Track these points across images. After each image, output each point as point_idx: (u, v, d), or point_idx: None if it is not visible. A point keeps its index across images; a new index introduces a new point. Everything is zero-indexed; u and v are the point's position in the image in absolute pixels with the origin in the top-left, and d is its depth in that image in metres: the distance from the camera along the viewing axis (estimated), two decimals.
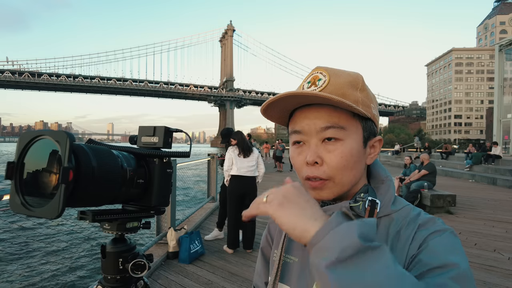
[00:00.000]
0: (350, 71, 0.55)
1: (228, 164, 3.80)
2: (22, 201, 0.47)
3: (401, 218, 0.52)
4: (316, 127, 0.51)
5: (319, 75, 0.53)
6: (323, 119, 0.51)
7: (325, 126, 0.50)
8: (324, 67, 0.55)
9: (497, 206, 6.74)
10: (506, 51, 16.84)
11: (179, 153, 0.64)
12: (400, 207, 0.54)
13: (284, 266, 0.58)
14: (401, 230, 0.50)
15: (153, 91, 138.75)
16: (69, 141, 0.43)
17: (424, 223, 0.50)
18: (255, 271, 0.71)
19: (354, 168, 0.52)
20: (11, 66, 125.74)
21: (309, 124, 0.52)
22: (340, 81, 0.52)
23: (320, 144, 0.52)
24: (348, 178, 0.52)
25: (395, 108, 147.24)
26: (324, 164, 0.51)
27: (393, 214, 0.52)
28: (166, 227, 3.77)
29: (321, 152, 0.51)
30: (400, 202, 0.55)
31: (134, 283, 0.65)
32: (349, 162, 0.51)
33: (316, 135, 0.51)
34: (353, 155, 0.51)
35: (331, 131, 0.50)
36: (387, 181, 0.57)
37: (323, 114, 0.51)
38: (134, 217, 0.63)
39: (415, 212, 0.53)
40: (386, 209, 0.53)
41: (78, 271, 4.45)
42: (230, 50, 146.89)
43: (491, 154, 12.45)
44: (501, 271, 3.29)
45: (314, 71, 0.55)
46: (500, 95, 17.01)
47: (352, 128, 0.52)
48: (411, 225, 0.50)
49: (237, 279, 3.07)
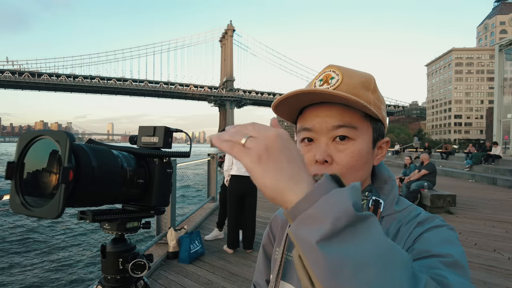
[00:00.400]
0: (362, 72, 0.55)
1: (228, 164, 3.80)
2: (22, 201, 0.47)
3: (403, 217, 0.52)
4: (327, 125, 0.51)
5: (332, 73, 0.53)
6: (335, 117, 0.51)
7: (337, 125, 0.50)
8: (336, 65, 0.54)
9: (497, 206, 6.74)
10: (506, 51, 16.84)
11: (179, 153, 0.64)
12: (403, 207, 0.54)
13: (286, 264, 0.58)
14: (401, 227, 0.51)
15: (153, 91, 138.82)
16: (69, 141, 0.43)
17: (423, 220, 0.50)
18: (256, 268, 0.70)
19: (362, 169, 0.52)
20: (11, 66, 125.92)
21: (320, 122, 0.51)
22: (353, 81, 0.52)
23: (330, 143, 0.51)
24: (356, 179, 0.52)
25: (395, 108, 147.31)
26: (334, 163, 0.51)
27: (396, 214, 0.52)
28: (166, 227, 3.77)
29: (331, 151, 0.51)
30: (403, 202, 0.55)
31: (134, 283, 0.65)
32: (358, 162, 0.51)
33: (327, 134, 0.51)
34: (362, 156, 0.51)
35: (343, 130, 0.50)
36: (390, 181, 0.56)
37: (334, 113, 0.51)
38: (134, 217, 0.63)
39: (416, 211, 0.53)
40: (390, 209, 0.53)
41: (78, 271, 4.45)
42: (230, 50, 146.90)
43: (491, 154, 12.45)
44: (501, 271, 3.29)
45: (327, 69, 0.54)
46: (500, 95, 17.01)
47: (364, 128, 0.52)
48: (410, 223, 0.50)
49: (237, 279, 3.07)
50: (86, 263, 4.77)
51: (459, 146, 45.79)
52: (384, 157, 0.58)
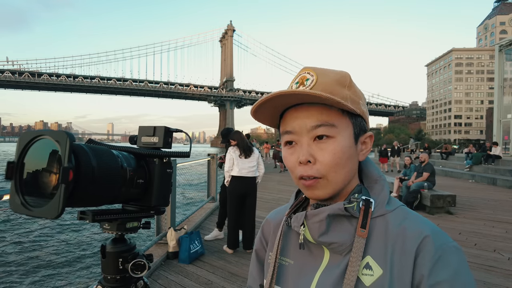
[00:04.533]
0: (337, 70, 0.55)
1: (229, 165, 3.80)
2: (22, 201, 0.47)
3: (397, 221, 0.51)
4: (307, 126, 0.51)
5: (307, 75, 0.53)
6: (313, 117, 0.51)
7: (316, 125, 0.51)
8: (311, 67, 0.55)
9: (497, 206, 6.73)
10: (506, 51, 16.84)
11: (179, 153, 0.64)
12: (394, 207, 0.53)
13: (280, 268, 0.58)
14: (389, 226, 0.51)
15: (153, 91, 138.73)
16: (69, 141, 0.43)
17: (423, 245, 0.47)
18: (249, 273, 0.70)
19: (347, 165, 0.52)
20: (11, 66, 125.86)
21: (299, 124, 0.52)
22: (327, 79, 0.52)
23: (312, 143, 0.52)
24: (341, 176, 0.52)
25: (395, 108, 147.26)
26: (317, 162, 0.51)
27: (388, 215, 0.52)
28: (166, 227, 3.77)
29: (313, 150, 0.51)
30: (394, 202, 0.54)
31: (134, 283, 0.65)
32: (341, 159, 0.51)
33: (307, 134, 0.52)
34: (345, 152, 0.51)
35: (322, 129, 0.50)
36: (380, 181, 0.56)
37: (313, 113, 0.51)
38: (134, 217, 0.63)
39: (408, 221, 0.51)
40: (381, 209, 0.52)
41: (78, 271, 4.45)
42: (230, 50, 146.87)
43: (491, 154, 12.45)
44: (501, 271, 3.29)
45: (302, 72, 0.55)
46: (500, 95, 17.00)
47: (343, 125, 0.52)
48: (409, 243, 0.48)
49: (237, 279, 3.07)
50: (86, 263, 4.77)
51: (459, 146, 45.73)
52: (369, 152, 0.57)
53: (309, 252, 0.55)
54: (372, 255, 0.49)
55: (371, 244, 0.50)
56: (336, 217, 0.52)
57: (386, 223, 0.51)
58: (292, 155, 0.53)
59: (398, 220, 0.51)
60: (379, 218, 0.52)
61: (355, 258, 0.48)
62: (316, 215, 0.51)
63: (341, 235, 0.51)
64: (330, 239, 0.51)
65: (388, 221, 0.51)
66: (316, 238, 0.51)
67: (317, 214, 0.51)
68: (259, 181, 3.96)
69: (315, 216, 0.51)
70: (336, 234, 0.51)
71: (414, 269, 0.47)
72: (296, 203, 0.61)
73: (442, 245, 0.47)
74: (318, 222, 0.51)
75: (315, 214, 0.52)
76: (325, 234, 0.51)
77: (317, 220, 0.51)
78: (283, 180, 11.14)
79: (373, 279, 0.48)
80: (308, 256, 0.55)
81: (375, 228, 0.51)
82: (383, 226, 0.51)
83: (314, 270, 0.54)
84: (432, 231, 0.48)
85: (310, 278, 0.53)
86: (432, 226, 0.50)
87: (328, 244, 0.51)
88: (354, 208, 0.51)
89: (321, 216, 0.51)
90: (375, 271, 0.48)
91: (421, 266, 0.46)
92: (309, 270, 0.54)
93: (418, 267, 0.46)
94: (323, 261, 0.53)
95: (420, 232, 0.48)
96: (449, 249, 0.47)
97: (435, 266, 0.46)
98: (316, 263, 0.54)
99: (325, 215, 0.51)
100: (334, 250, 0.52)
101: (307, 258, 0.56)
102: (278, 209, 0.69)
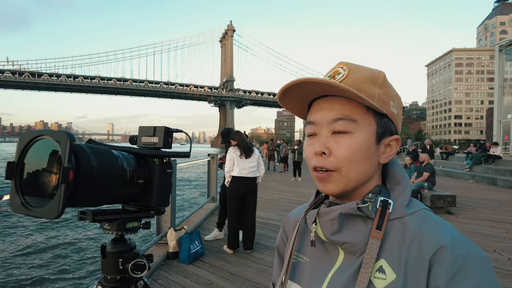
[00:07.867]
0: (373, 68, 0.55)
1: (230, 165, 3.79)
2: (22, 201, 0.47)
3: (415, 224, 0.48)
4: (327, 118, 0.51)
5: (340, 69, 0.53)
6: (335, 110, 0.51)
7: (336, 118, 0.50)
8: (346, 62, 0.55)
9: (497, 206, 6.73)
10: (506, 51, 16.83)
11: (179, 153, 0.64)
12: (414, 210, 0.50)
13: (297, 265, 0.58)
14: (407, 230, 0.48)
15: (153, 91, 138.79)
16: (69, 141, 0.43)
17: (439, 255, 0.44)
18: (273, 268, 0.71)
19: (363, 163, 0.51)
20: (11, 66, 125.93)
21: (322, 115, 0.52)
22: (358, 75, 0.52)
23: (330, 136, 0.51)
24: (355, 173, 0.50)
25: None
26: (332, 155, 0.51)
27: (406, 218, 0.49)
28: (166, 227, 3.77)
29: (329, 143, 0.51)
30: (416, 205, 0.52)
31: (134, 283, 0.65)
32: (356, 155, 0.50)
33: (327, 126, 0.51)
34: (361, 149, 0.50)
35: (341, 123, 0.50)
36: (403, 182, 0.54)
37: (336, 106, 0.51)
38: (134, 217, 0.63)
39: (427, 225, 0.48)
40: (399, 212, 0.50)
41: (78, 271, 4.45)
42: (230, 50, 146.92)
43: (491, 154, 12.44)
44: (501, 271, 3.29)
45: (337, 66, 0.55)
46: (500, 96, 17.00)
47: (364, 122, 0.51)
48: (426, 246, 0.45)
49: (237, 279, 3.07)
50: (86, 263, 4.77)
51: (459, 146, 45.69)
52: (394, 156, 0.55)
53: (325, 251, 0.55)
54: (386, 258, 0.48)
55: (386, 247, 0.48)
56: (350, 217, 0.51)
57: (404, 226, 0.48)
58: (310, 146, 0.54)
59: (417, 224, 0.48)
60: (396, 221, 0.49)
61: (368, 260, 0.47)
62: (328, 213, 0.51)
63: (354, 235, 0.50)
64: (342, 238, 0.50)
65: (406, 224, 0.49)
66: (328, 236, 0.51)
67: (329, 212, 0.51)
68: (259, 182, 3.96)
69: (327, 214, 0.51)
70: (349, 234, 0.50)
71: (429, 278, 0.44)
72: (315, 201, 0.61)
73: (464, 255, 0.43)
74: (330, 220, 0.51)
75: (327, 212, 0.51)
76: (337, 233, 0.51)
77: (329, 218, 0.51)
78: (283, 180, 11.14)
79: (385, 283, 0.46)
80: (323, 255, 0.55)
81: (391, 230, 0.49)
82: (400, 229, 0.49)
83: (328, 269, 0.53)
84: (451, 239, 0.45)
85: (323, 277, 0.53)
86: (453, 233, 0.46)
87: (341, 243, 0.51)
88: (369, 208, 0.49)
89: (333, 215, 0.50)
90: (388, 275, 0.46)
91: (437, 276, 0.43)
92: (323, 269, 0.54)
93: (434, 277, 0.43)
94: (337, 261, 0.53)
95: (438, 239, 0.45)
96: (472, 259, 0.43)
97: (453, 278, 0.42)
98: (330, 262, 0.54)
99: (337, 213, 0.50)
100: (347, 250, 0.51)
101: (322, 257, 0.55)
102: (300, 207, 0.69)
